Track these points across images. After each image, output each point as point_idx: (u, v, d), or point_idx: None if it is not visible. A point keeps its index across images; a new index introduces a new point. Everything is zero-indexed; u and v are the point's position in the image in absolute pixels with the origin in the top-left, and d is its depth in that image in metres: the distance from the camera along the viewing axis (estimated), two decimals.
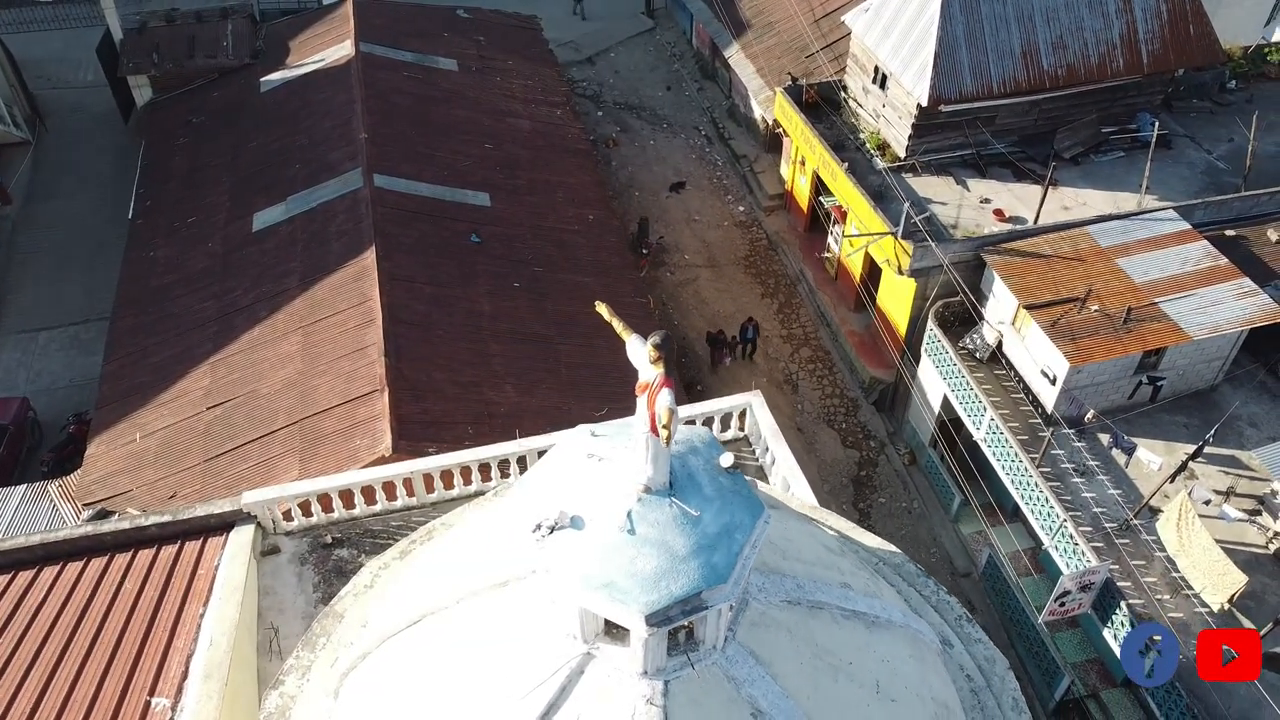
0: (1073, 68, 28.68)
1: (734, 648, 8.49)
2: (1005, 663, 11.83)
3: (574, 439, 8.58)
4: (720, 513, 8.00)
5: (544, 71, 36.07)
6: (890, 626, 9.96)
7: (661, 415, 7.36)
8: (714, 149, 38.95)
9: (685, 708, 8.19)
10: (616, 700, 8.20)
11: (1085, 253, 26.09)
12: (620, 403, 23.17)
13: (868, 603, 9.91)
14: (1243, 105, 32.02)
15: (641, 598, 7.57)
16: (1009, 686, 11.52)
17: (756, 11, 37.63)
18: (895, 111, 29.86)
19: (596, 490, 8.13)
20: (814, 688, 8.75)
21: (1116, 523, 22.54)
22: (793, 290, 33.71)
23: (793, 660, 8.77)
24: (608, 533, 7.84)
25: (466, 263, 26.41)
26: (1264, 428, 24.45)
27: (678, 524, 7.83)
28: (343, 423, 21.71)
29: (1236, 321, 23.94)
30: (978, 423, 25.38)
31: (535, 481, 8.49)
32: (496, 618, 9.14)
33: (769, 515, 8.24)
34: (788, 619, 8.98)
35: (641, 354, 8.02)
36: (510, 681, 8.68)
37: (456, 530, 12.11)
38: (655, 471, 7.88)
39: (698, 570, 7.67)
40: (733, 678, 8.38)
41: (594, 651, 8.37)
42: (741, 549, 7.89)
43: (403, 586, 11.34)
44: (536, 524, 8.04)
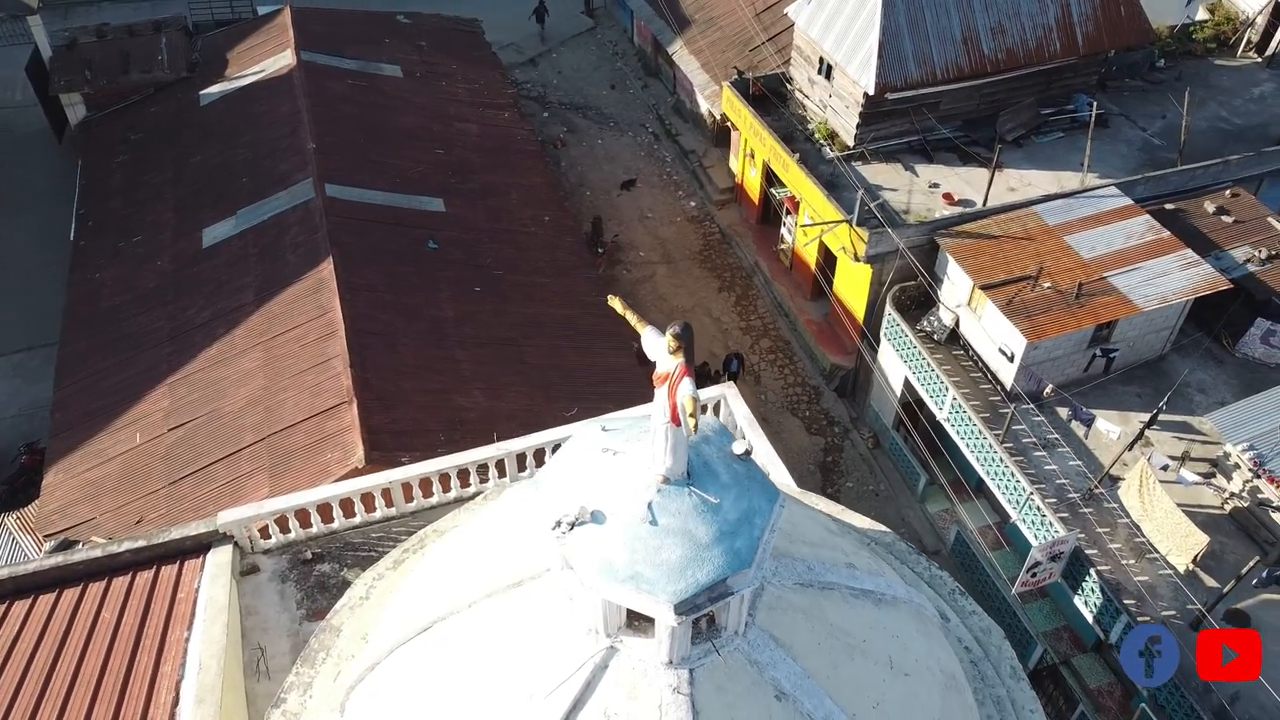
0: (1012, 51, 29.35)
1: (754, 632, 8.60)
2: (1001, 632, 12.12)
3: (586, 434, 8.59)
4: (739, 499, 8.09)
5: (488, 74, 35.89)
6: (896, 603, 10.15)
7: (686, 404, 7.43)
8: (662, 145, 39.11)
9: (711, 695, 8.27)
10: (643, 692, 8.25)
11: (1034, 232, 26.70)
12: (590, 402, 23.23)
13: (873, 581, 10.08)
14: (1172, 83, 33.04)
15: (669, 587, 7.63)
16: (1006, 655, 11.81)
17: (698, 7, 37.86)
18: (842, 101, 30.27)
19: (614, 484, 8.17)
20: (832, 667, 8.89)
21: (1080, 493, 23.12)
22: (749, 282, 34.00)
23: (810, 641, 8.91)
24: (630, 525, 7.89)
25: (425, 269, 26.21)
26: (1212, 393, 25.27)
27: (699, 512, 7.91)
28: (311, 437, 21.41)
29: (1182, 292, 24.69)
30: (940, 403, 25.86)
31: (551, 479, 8.49)
32: (512, 619, 9.12)
33: (784, 499, 8.35)
34: (802, 601, 9.11)
35: (659, 345, 8.08)
36: (532, 681, 8.68)
37: (454, 536, 12.04)
38: (674, 462, 7.95)
39: (722, 557, 7.76)
40: (755, 662, 8.48)
41: (617, 645, 8.41)
42: (762, 533, 8.00)
43: (405, 596, 11.24)
44: (556, 521, 8.05)
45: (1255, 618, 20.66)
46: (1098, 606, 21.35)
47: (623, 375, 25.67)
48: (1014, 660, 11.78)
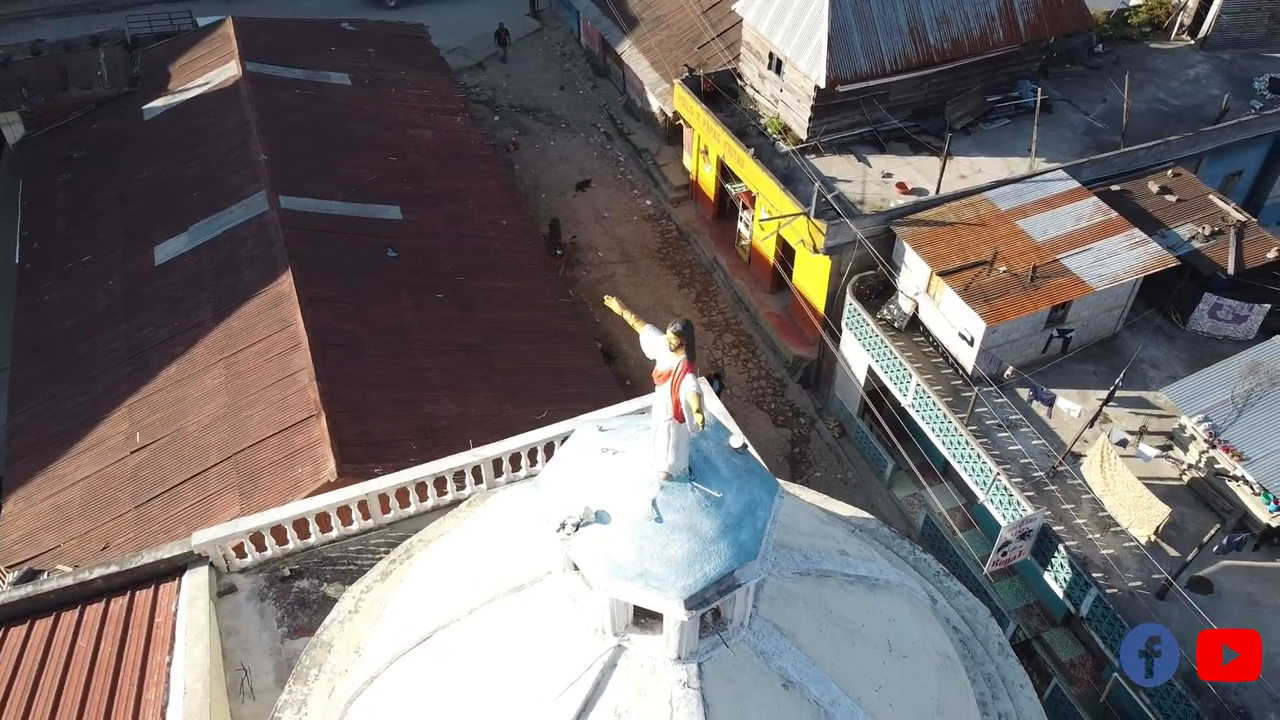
0: (957, 41, 29.86)
1: (759, 623, 8.71)
2: (986, 611, 12.37)
3: (584, 435, 8.63)
4: (740, 492, 8.19)
5: (438, 79, 35.66)
6: (889, 587, 10.33)
7: (691, 400, 7.50)
8: (614, 145, 39.16)
9: (720, 687, 8.37)
10: (653, 688, 8.32)
11: (987, 217, 27.19)
12: (559, 404, 23.23)
13: (866, 566, 10.25)
14: (1110, 67, 33.84)
15: (678, 582, 7.71)
16: (993, 633, 12.06)
17: (645, 6, 37.97)
18: (794, 95, 30.55)
19: (616, 483, 8.23)
20: (835, 653, 9.03)
21: (1044, 471, 23.61)
22: (708, 278, 34.19)
23: (812, 629, 9.04)
24: (635, 523, 7.95)
25: (386, 278, 25.99)
26: (1164, 368, 25.94)
27: (702, 507, 7.99)
28: (280, 452, 21.14)
29: (1132, 270, 25.31)
30: (904, 389, 26.25)
31: (552, 481, 8.52)
32: (515, 623, 9.14)
33: (782, 490, 8.47)
34: (801, 590, 9.24)
35: (658, 343, 8.14)
36: (539, 684, 8.70)
37: (443, 544, 12.00)
38: (677, 458, 8.02)
39: (728, 550, 7.85)
40: (761, 652, 8.59)
41: (625, 643, 8.47)
42: (765, 525, 8.10)
43: (399, 606, 11.19)
44: (560, 523, 8.08)
45: (1217, 584, 21.30)
46: (1067, 581, 21.83)
47: (590, 376, 25.73)
48: (1001, 637, 12.05)
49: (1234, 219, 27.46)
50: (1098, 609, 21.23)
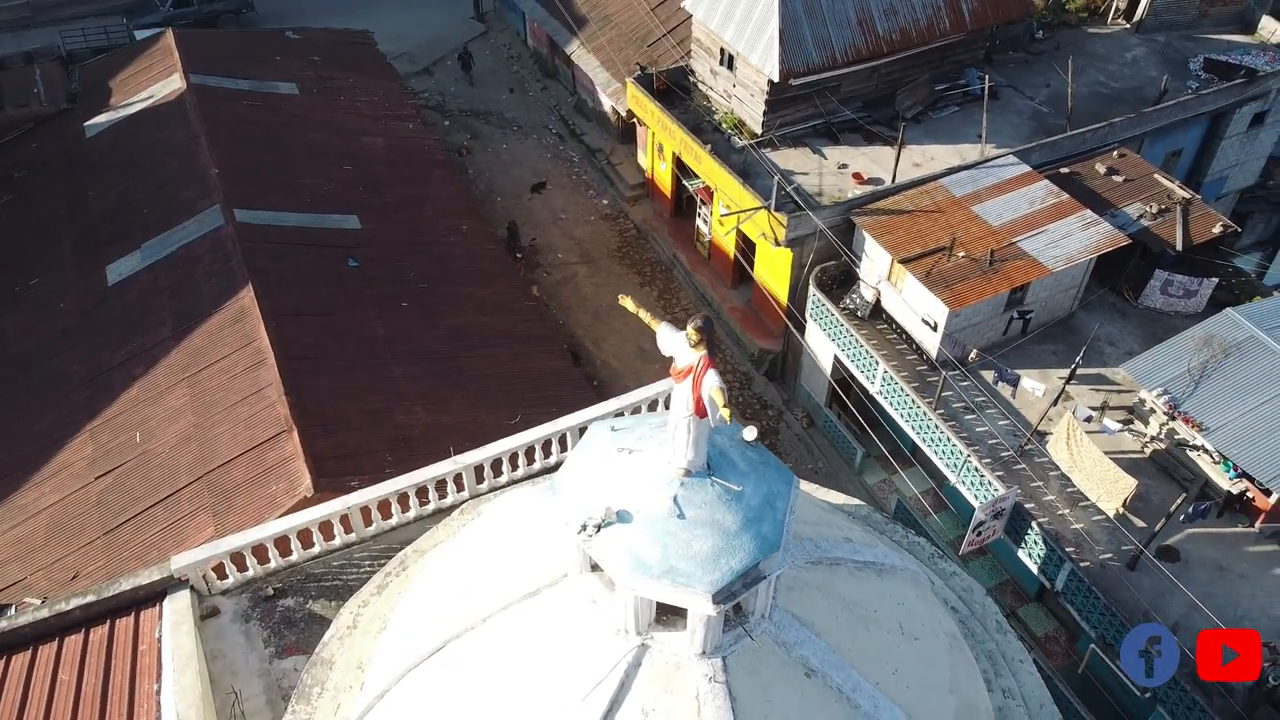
0: (905, 31, 30.29)
1: (778, 614, 8.78)
2: (982, 590, 12.60)
3: (597, 436, 8.62)
4: (758, 484, 8.25)
5: (387, 85, 35.27)
6: (894, 571, 10.47)
7: (716, 396, 7.53)
8: (567, 146, 39.08)
9: (746, 680, 8.42)
10: (679, 685, 8.35)
11: (943, 204, 27.64)
12: (532, 407, 23.14)
13: (871, 552, 10.39)
14: (1051, 52, 34.59)
15: (705, 578, 7.74)
16: (991, 610, 12.28)
17: (592, 5, 37.92)
18: (747, 90, 30.75)
19: (635, 482, 8.24)
20: (852, 640, 9.14)
21: (1012, 450, 24.08)
22: (669, 275, 34.29)
23: (828, 617, 9.14)
24: (658, 520, 7.97)
25: (349, 288, 25.66)
26: (1120, 344, 26.59)
27: (723, 502, 8.04)
28: (253, 470, 20.77)
29: (1086, 250, 25.91)
30: (871, 377, 26.58)
31: (570, 484, 8.49)
32: (532, 628, 9.10)
33: (797, 481, 8.55)
34: (815, 579, 9.33)
35: (677, 339, 8.16)
36: (562, 688, 8.68)
37: (442, 553, 11.89)
38: (696, 454, 8.06)
39: (751, 542, 7.91)
40: (783, 642, 8.66)
41: (648, 642, 8.47)
42: (785, 516, 8.17)
43: (403, 619, 11.07)
44: (582, 524, 8.07)
45: (1184, 552, 21.91)
46: (1041, 557, 22.29)
47: (560, 378, 25.66)
48: (998, 615, 12.28)
49: (1179, 196, 28.25)
50: (1072, 582, 21.72)
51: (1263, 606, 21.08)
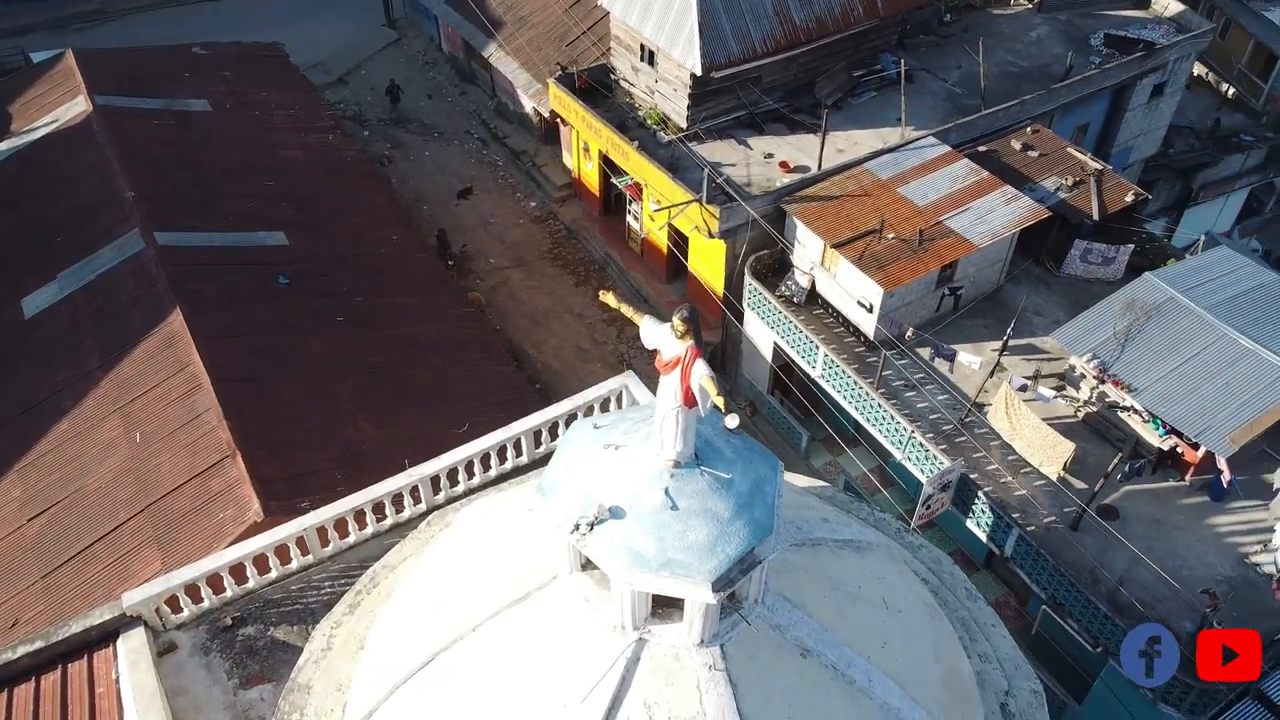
0: (821, 20, 30.77)
1: (771, 597, 8.87)
2: (949, 560, 12.91)
3: (580, 435, 8.60)
4: (746, 471, 8.32)
5: (302, 97, 34.55)
6: (872, 547, 10.67)
7: (708, 385, 7.56)
8: (491, 150, 38.78)
9: (745, 665, 8.50)
10: (679, 676, 8.38)
11: (869, 188, 28.16)
12: (479, 414, 22.98)
13: (848, 530, 10.57)
14: (960, 34, 35.50)
15: (704, 567, 7.79)
16: (960, 579, 12.59)
17: (507, 7, 37.67)
18: (669, 85, 30.89)
19: (624, 477, 8.24)
20: (841, 617, 9.29)
21: (954, 423, 24.69)
22: (603, 274, 34.28)
23: (817, 597, 9.27)
24: (652, 514, 7.99)
25: (281, 306, 25.09)
26: (1047, 314, 27.43)
27: (714, 490, 8.09)
28: (197, 499, 20.19)
29: (1010, 225, 26.65)
30: (812, 361, 26.97)
31: (558, 484, 8.45)
32: (524, 633, 9.04)
33: (781, 465, 8.65)
34: (800, 560, 9.45)
35: (661, 332, 8.17)
36: (561, 690, 8.65)
37: (417, 566, 11.72)
38: (685, 445, 8.08)
39: (745, 529, 7.98)
40: (777, 625, 8.76)
41: (646, 636, 8.49)
42: (774, 500, 8.26)
43: (383, 636, 10.89)
44: (574, 524, 8.04)
45: (1122, 509, 22.74)
46: (989, 525, 22.91)
47: (506, 383, 25.50)
48: (967, 583, 12.59)
49: (1092, 168, 29.27)
50: (1020, 547, 22.38)
51: (1198, 554, 22.01)
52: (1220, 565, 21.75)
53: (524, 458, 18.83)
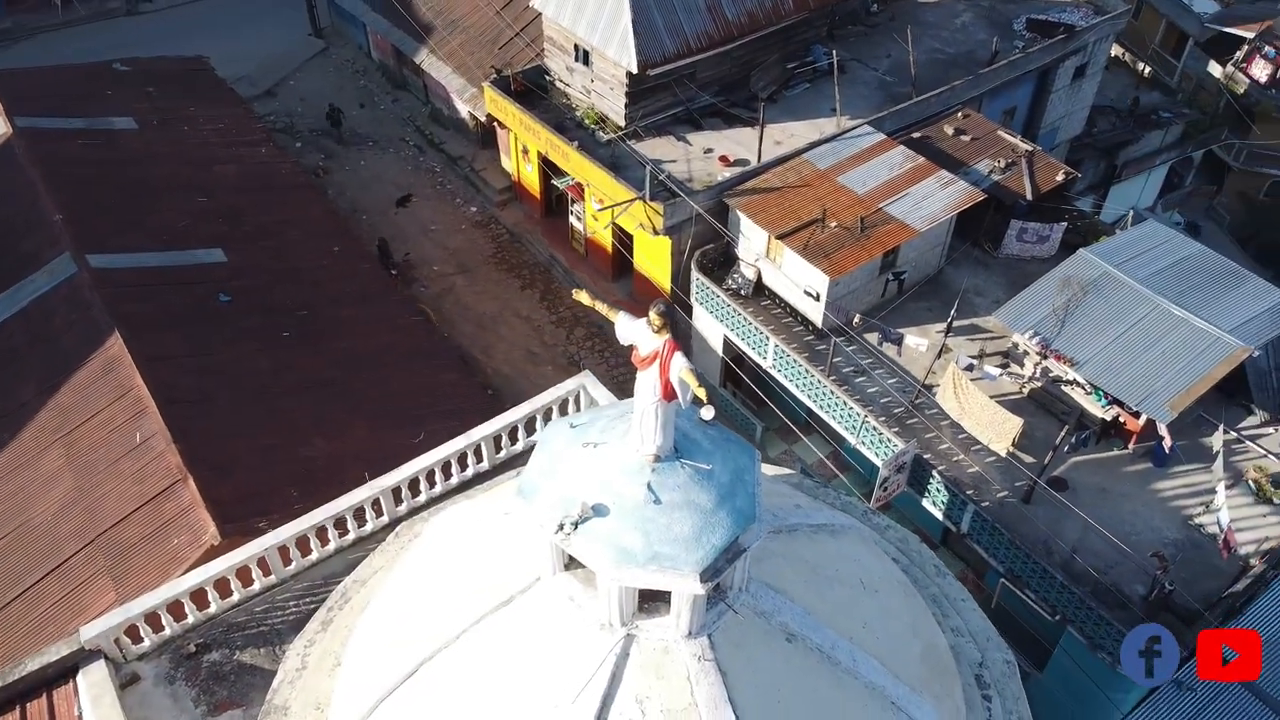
0: (753, 14, 31.06)
1: (754, 585, 8.96)
2: (916, 538, 13.18)
3: (556, 435, 8.59)
4: (725, 461, 8.40)
5: (231, 111, 33.87)
6: (844, 530, 10.83)
7: (688, 377, 7.61)
8: (428, 156, 38.41)
9: (733, 653, 8.57)
10: (669, 669, 8.43)
11: (809, 178, 28.48)
12: (433, 423, 22.75)
13: (821, 515, 10.72)
14: (887, 24, 36.10)
15: (690, 558, 7.84)
16: (928, 556, 12.85)
17: (437, 12, 37.34)
18: (606, 84, 30.91)
19: (606, 474, 8.26)
20: (821, 600, 9.42)
21: (904, 406, 25.13)
22: (549, 276, 34.19)
23: (798, 582, 9.39)
24: (636, 509, 8.02)
25: (224, 324, 24.58)
26: (988, 294, 28.03)
27: (695, 482, 8.15)
28: (149, 526, 19.70)
29: (947, 208, 27.18)
30: (763, 352, 27.22)
31: (538, 485, 8.43)
32: (510, 637, 9.01)
33: (758, 453, 8.74)
34: (779, 546, 9.56)
35: (637, 327, 8.20)
36: (551, 691, 8.64)
37: (391, 579, 11.59)
38: (665, 438, 8.13)
39: (729, 518, 8.05)
40: (762, 612, 8.86)
41: (634, 631, 8.51)
42: (754, 488, 8.34)
43: (361, 651, 10.76)
44: (559, 524, 8.03)
45: (1071, 480, 23.34)
46: (945, 503, 23.35)
47: (458, 390, 25.31)
48: (935, 560, 12.86)
49: (1022, 149, 29.99)
50: (976, 523, 22.85)
51: (1145, 520, 22.71)
52: (1166, 529, 22.47)
53: (485, 464, 18.73)
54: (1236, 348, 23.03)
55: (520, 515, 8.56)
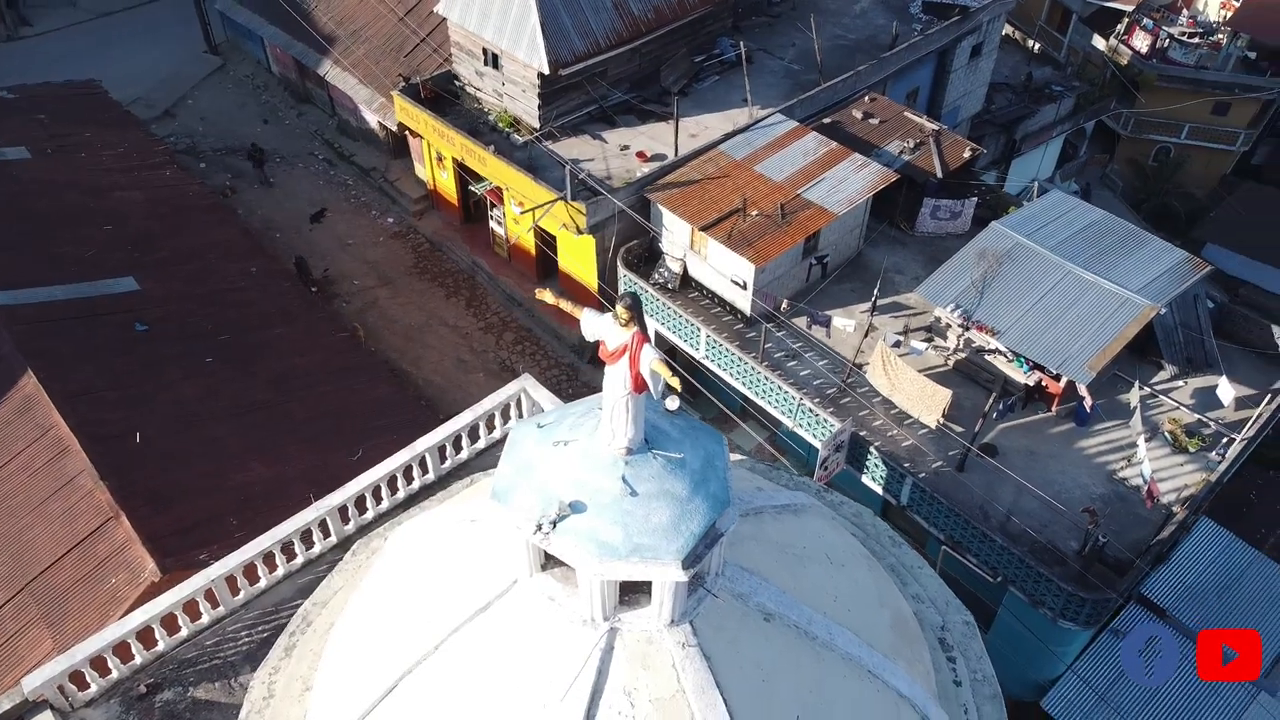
0: (659, 9, 31.30)
1: (729, 568, 9.10)
2: (871, 512, 13.50)
3: (523, 436, 8.60)
4: (695, 448, 8.52)
5: (131, 135, 32.75)
6: (805, 509, 11.07)
7: (659, 368, 7.67)
8: (339, 169, 37.72)
9: (715, 637, 8.70)
10: (654, 659, 8.52)
11: (727, 169, 28.82)
12: (371, 439, 22.41)
13: (782, 496, 10.94)
14: (789, 13, 36.76)
15: (671, 546, 7.93)
16: (883, 529, 13.19)
17: (338, 22, 36.66)
18: (518, 86, 30.79)
19: (579, 471, 8.29)
20: (794, 578, 9.62)
21: (837, 386, 25.65)
22: (473, 283, 33.92)
23: (769, 562, 9.57)
24: (612, 502, 8.08)
25: (143, 355, 23.81)
26: (907, 271, 28.79)
27: (669, 471, 8.24)
28: (84, 568, 18.99)
29: (863, 190, 27.81)
30: (695, 344, 27.48)
31: (512, 488, 8.42)
32: (492, 642, 8.99)
33: (725, 439, 8.88)
34: (747, 530, 9.73)
35: (603, 322, 8.23)
36: (538, 692, 8.66)
37: (356, 598, 11.42)
38: (636, 431, 8.20)
39: (704, 504, 8.17)
40: (740, 594, 9.00)
41: (617, 625, 8.57)
42: (725, 472, 8.48)
43: (332, 673, 10.59)
44: (536, 524, 8.04)
45: (1000, 446, 24.14)
46: (884, 477, 23.93)
47: (392, 405, 24.96)
48: (890, 531, 13.21)
49: (929, 129, 30.85)
50: (915, 494, 23.48)
51: (1072, 478, 23.63)
52: (1094, 484, 23.43)
53: (431, 475, 18.55)
54: (1145, 306, 24.14)
55: (494, 519, 8.54)
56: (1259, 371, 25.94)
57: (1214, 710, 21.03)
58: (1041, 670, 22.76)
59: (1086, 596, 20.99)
